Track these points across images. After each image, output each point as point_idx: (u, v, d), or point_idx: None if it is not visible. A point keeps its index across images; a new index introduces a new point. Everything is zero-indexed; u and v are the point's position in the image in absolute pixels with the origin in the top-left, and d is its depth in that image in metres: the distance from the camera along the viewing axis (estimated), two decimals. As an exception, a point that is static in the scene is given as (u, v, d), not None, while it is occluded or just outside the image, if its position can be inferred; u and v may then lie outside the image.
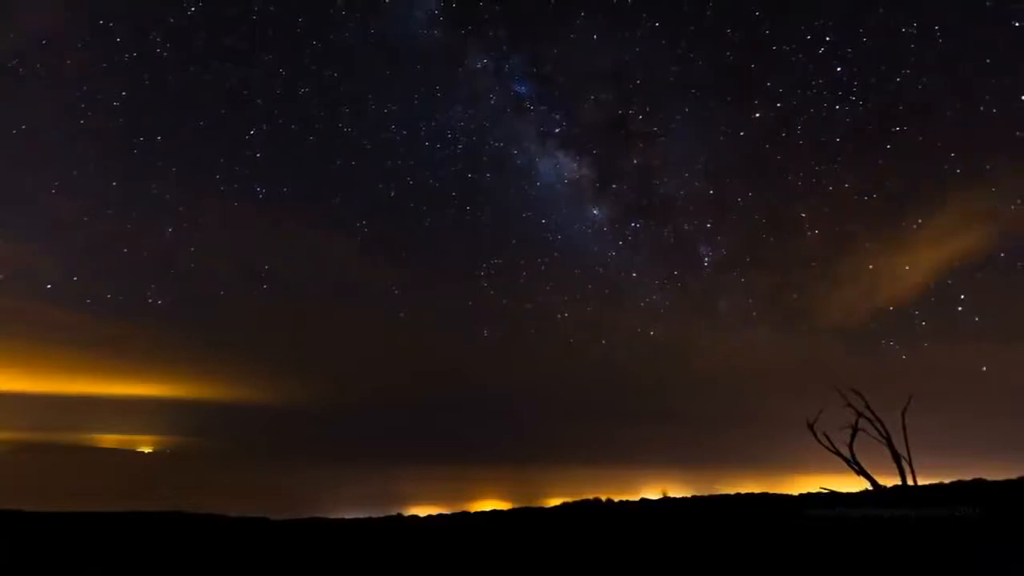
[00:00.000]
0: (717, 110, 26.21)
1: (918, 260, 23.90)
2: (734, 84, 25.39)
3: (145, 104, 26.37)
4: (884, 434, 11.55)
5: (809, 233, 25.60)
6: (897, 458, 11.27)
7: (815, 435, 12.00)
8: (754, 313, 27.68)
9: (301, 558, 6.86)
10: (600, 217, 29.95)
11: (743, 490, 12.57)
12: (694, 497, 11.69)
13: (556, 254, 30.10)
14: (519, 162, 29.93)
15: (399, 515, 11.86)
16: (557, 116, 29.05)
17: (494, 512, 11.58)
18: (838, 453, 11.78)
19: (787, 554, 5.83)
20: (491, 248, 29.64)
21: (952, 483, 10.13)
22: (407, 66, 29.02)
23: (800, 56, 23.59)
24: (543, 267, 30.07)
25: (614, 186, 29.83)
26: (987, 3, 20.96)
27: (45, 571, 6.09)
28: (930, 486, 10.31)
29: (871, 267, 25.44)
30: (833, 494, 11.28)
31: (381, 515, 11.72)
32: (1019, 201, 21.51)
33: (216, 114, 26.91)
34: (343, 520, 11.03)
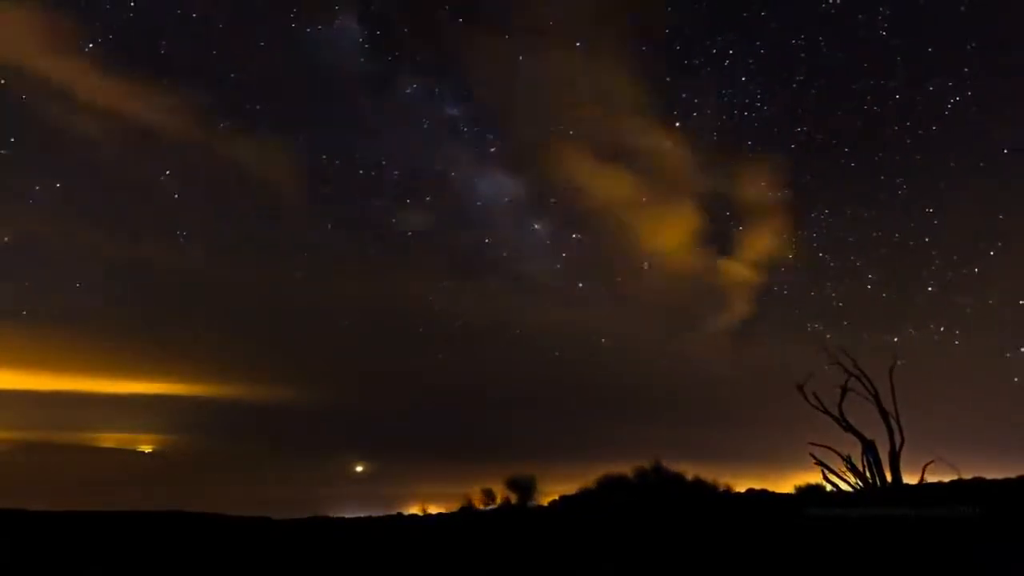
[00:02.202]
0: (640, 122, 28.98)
1: (834, 245, 27.19)
2: (653, 97, 28.33)
3: (40, 149, 24.85)
4: (872, 391, 11.70)
5: (734, 230, 28.78)
6: (884, 415, 11.43)
7: (805, 396, 12.13)
8: (696, 309, 29.73)
9: (302, 558, 6.86)
10: (542, 231, 30.80)
11: (742, 490, 12.60)
12: (694, 497, 11.71)
13: (503, 271, 30.94)
14: (458, 184, 30.45)
15: (399, 515, 11.90)
16: (491, 136, 29.66)
17: (494, 512, 11.60)
18: (828, 412, 11.90)
19: (787, 554, 5.84)
20: (438, 272, 30.03)
21: (952, 482, 10.16)
22: (335, 95, 29.32)
23: (708, 69, 27.05)
24: (492, 285, 30.87)
25: (552, 200, 30.62)
26: (859, 17, 25.44)
27: (45, 571, 6.09)
28: (930, 485, 10.34)
29: (790, 256, 28.19)
30: (829, 493, 11.34)
31: (381, 515, 11.75)
32: (905, 187, 26.07)
33: (124, 155, 26.24)
34: (343, 520, 11.06)
